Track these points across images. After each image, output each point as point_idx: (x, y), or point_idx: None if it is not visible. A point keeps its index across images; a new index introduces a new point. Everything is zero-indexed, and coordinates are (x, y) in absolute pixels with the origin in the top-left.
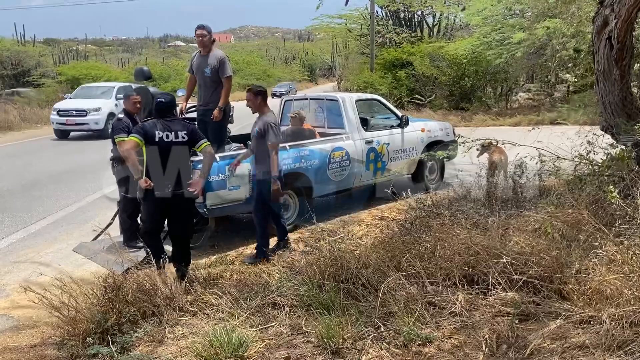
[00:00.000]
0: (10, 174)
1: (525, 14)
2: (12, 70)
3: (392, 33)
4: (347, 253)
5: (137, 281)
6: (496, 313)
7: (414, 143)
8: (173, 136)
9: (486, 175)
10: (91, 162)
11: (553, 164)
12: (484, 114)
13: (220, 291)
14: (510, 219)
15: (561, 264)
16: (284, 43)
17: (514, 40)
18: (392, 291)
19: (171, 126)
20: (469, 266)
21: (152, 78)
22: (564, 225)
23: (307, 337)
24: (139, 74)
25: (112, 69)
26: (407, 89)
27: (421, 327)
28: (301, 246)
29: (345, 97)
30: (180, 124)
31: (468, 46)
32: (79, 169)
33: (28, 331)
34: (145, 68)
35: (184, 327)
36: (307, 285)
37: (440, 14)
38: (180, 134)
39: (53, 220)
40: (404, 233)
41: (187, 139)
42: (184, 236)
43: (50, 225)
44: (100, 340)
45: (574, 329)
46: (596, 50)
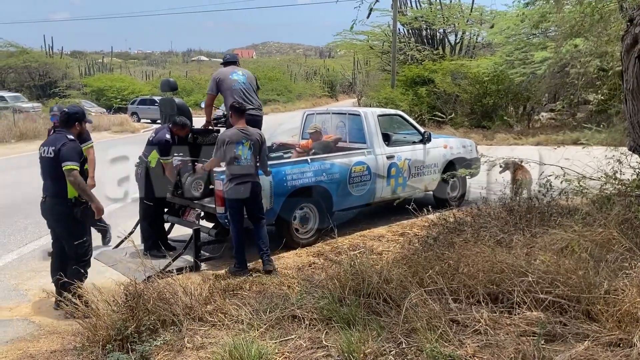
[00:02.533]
0: (36, 181)
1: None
2: (40, 81)
3: (414, 50)
4: (369, 267)
5: (158, 290)
6: (521, 332)
7: (435, 159)
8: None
9: (510, 193)
10: (116, 170)
11: (578, 183)
12: (505, 133)
13: (240, 302)
14: (536, 237)
15: (589, 283)
16: (305, 59)
17: (536, 59)
18: (414, 307)
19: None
20: (493, 284)
21: (177, 89)
22: (592, 245)
23: (327, 351)
24: (165, 85)
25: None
26: (428, 106)
27: (444, 344)
28: (321, 260)
29: (367, 112)
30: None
31: (490, 64)
32: (104, 177)
33: (48, 337)
34: (171, 79)
35: (203, 337)
36: (328, 298)
37: (463, 32)
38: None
39: None
40: (426, 249)
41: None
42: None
43: None
44: (120, 347)
45: (603, 352)
46: (625, 69)
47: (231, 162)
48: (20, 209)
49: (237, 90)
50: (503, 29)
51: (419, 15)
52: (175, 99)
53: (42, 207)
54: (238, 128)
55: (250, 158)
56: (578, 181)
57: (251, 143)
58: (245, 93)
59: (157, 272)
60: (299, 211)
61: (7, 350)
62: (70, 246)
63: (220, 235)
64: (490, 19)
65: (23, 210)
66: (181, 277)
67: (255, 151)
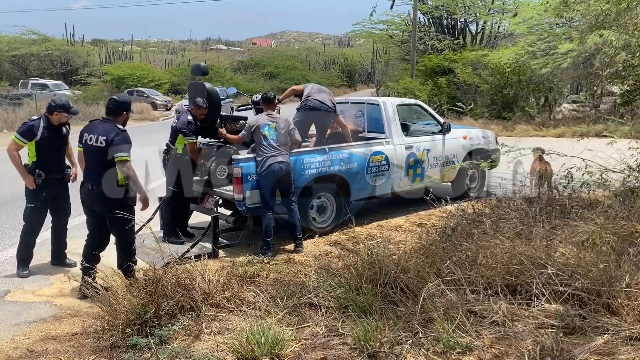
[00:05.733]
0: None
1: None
2: (61, 68)
3: (434, 40)
4: (386, 257)
5: (176, 275)
6: (539, 325)
7: (455, 150)
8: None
9: (530, 185)
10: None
11: (600, 176)
12: (526, 124)
13: (257, 289)
14: (556, 229)
15: (610, 277)
16: (323, 48)
17: (560, 51)
18: (431, 297)
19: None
20: (511, 275)
21: (208, 74)
22: (614, 238)
23: (343, 339)
24: (196, 70)
25: (155, 69)
26: (448, 96)
27: (461, 335)
28: (338, 249)
29: (386, 102)
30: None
31: (512, 55)
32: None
33: (70, 319)
34: (202, 64)
35: (221, 323)
36: (344, 287)
37: (484, 22)
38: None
39: None
40: (444, 240)
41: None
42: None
43: None
44: (139, 331)
45: (623, 345)
46: None
47: (259, 143)
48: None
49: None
50: (526, 18)
51: (439, 4)
52: (206, 84)
53: (88, 194)
54: (266, 113)
55: (276, 138)
56: (600, 173)
57: (277, 125)
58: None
59: (176, 259)
60: (317, 200)
61: (30, 332)
62: (121, 231)
63: (238, 222)
64: (512, 8)
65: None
66: (199, 263)
67: (283, 134)
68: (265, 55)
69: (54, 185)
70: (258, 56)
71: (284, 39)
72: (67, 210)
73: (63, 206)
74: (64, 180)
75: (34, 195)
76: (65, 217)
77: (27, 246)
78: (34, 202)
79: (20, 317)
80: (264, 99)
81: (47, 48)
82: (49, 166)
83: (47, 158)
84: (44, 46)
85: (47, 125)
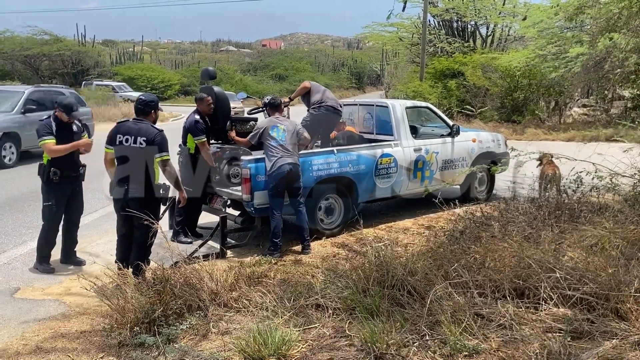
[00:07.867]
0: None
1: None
2: (72, 69)
3: (444, 42)
4: (393, 259)
5: (185, 275)
6: (547, 328)
7: (464, 153)
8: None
9: (539, 188)
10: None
11: (610, 180)
12: (536, 128)
13: (264, 289)
14: (565, 233)
15: (619, 281)
16: (333, 50)
17: (571, 54)
18: (439, 300)
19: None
20: (519, 279)
21: (216, 78)
22: (623, 242)
23: (350, 340)
24: (205, 74)
25: (165, 70)
26: (457, 99)
27: (468, 337)
28: (345, 251)
29: (395, 104)
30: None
31: (522, 58)
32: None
33: (79, 317)
34: (210, 69)
35: (228, 323)
36: (352, 289)
37: (495, 24)
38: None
39: (105, 213)
40: (452, 242)
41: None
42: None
43: (103, 218)
44: (147, 330)
45: (631, 351)
46: None
47: (268, 144)
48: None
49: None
50: (536, 22)
51: (450, 7)
52: (215, 88)
53: (123, 194)
54: (273, 117)
55: (284, 140)
56: (610, 178)
57: (285, 127)
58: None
59: (184, 258)
60: (324, 202)
61: (39, 329)
62: (147, 229)
63: (246, 223)
64: (523, 11)
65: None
66: (207, 263)
67: (291, 136)
68: (274, 57)
69: (69, 183)
70: (267, 58)
71: (293, 40)
72: (80, 208)
73: (76, 204)
74: (78, 178)
75: (51, 194)
76: (78, 214)
77: (48, 245)
78: (49, 200)
79: (29, 315)
80: (270, 104)
81: (58, 48)
82: (64, 164)
83: (61, 156)
84: (56, 46)
85: (57, 122)
